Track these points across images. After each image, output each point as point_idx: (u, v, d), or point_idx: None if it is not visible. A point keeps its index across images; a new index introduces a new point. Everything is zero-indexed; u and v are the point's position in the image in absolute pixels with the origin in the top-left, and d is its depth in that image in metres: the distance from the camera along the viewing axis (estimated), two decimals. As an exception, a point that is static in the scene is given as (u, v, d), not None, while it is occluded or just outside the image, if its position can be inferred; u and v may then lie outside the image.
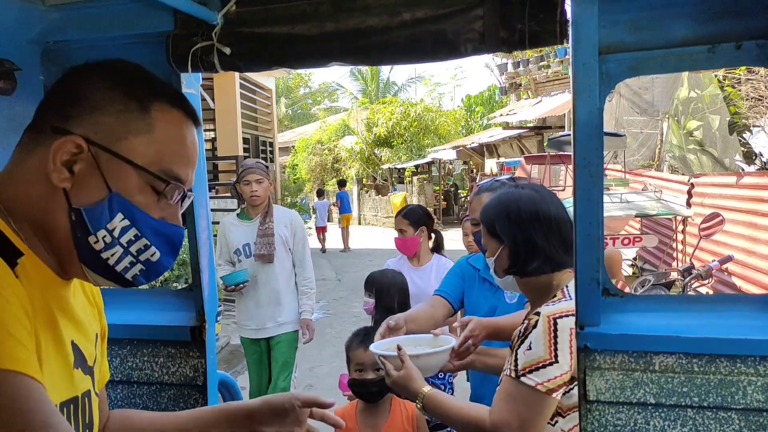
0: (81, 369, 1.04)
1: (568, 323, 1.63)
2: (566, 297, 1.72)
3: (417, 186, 22.02)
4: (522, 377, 1.60)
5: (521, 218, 1.75)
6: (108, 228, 0.96)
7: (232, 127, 11.15)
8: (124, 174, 0.97)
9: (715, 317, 1.54)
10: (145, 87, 1.02)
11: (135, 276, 1.02)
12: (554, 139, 9.68)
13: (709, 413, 1.47)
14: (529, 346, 1.62)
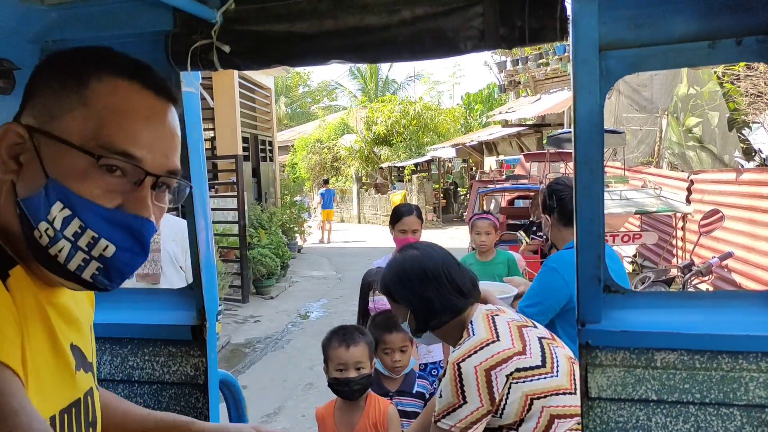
0: (83, 369, 1.03)
1: (472, 363, 1.73)
2: (470, 335, 1.82)
3: (416, 184, 22.02)
4: (438, 422, 1.73)
5: (411, 280, 1.90)
6: (48, 219, 0.87)
7: (231, 126, 11.14)
8: (61, 156, 0.88)
9: (717, 314, 1.53)
10: (89, 63, 0.92)
11: (94, 275, 0.91)
12: (553, 137, 9.67)
13: (711, 410, 1.47)
14: (440, 394, 1.75)
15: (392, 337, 2.83)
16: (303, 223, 14.24)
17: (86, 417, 1.02)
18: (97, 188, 0.89)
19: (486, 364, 1.73)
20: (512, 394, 1.72)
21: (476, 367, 1.72)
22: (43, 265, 0.91)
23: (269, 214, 11.98)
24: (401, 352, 2.85)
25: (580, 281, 1.54)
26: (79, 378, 1.01)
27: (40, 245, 0.88)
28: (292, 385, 6.12)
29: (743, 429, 1.46)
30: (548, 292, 2.80)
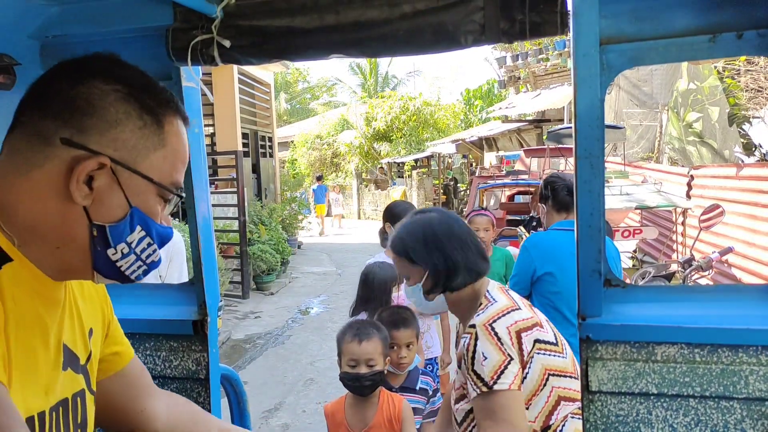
0: (71, 369, 1.03)
1: (503, 323, 1.71)
2: (491, 302, 1.80)
3: (416, 180, 22.01)
4: (494, 386, 1.64)
5: (438, 239, 1.85)
6: (128, 241, 1.00)
7: (230, 122, 11.13)
8: (144, 189, 1.00)
9: (717, 307, 1.54)
10: (153, 97, 1.02)
11: (138, 275, 1.05)
12: (553, 132, 9.67)
13: (711, 403, 1.48)
14: (483, 356, 1.67)
15: (399, 333, 2.83)
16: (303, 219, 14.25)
17: (75, 418, 1.03)
18: (159, 211, 1.04)
19: (516, 326, 1.71)
20: (534, 363, 1.71)
21: (508, 327, 1.70)
22: (101, 272, 1.01)
23: (269, 210, 11.98)
24: (407, 349, 2.85)
25: (580, 275, 1.54)
26: (66, 377, 1.01)
27: (110, 260, 1.00)
28: (292, 380, 6.13)
29: (743, 422, 1.46)
30: (521, 269, 3.27)
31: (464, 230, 1.89)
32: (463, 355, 1.73)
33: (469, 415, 1.77)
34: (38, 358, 0.94)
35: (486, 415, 1.65)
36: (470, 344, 1.71)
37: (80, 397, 1.05)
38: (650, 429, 1.52)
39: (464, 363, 1.72)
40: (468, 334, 1.74)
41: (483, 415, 1.66)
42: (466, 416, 1.78)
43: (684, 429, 1.50)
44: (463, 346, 1.73)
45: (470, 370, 1.69)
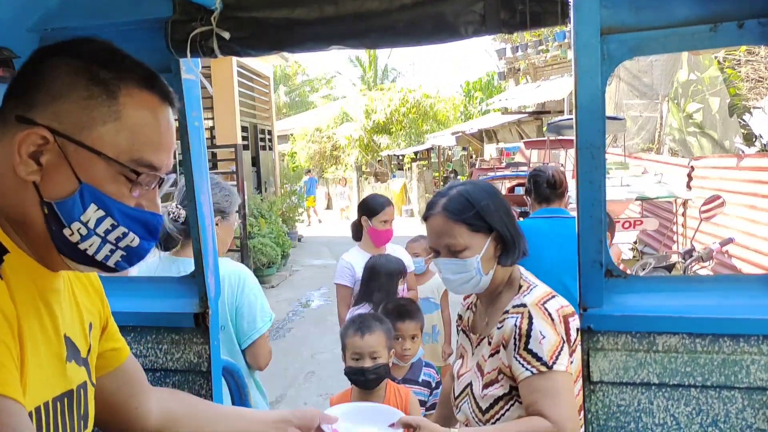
0: (75, 361, 1.03)
1: (552, 306, 1.68)
2: (532, 285, 1.76)
3: (416, 173, 21.99)
4: (554, 366, 1.59)
5: (505, 205, 1.79)
6: (82, 220, 0.94)
7: (230, 115, 11.11)
8: (94, 164, 0.94)
9: (718, 297, 1.54)
10: (112, 69, 0.96)
11: (117, 262, 1.01)
12: (553, 124, 9.65)
13: (713, 392, 1.48)
14: (541, 335, 1.61)
15: (404, 325, 2.84)
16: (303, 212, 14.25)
17: (78, 410, 1.03)
18: (124, 191, 0.97)
19: (563, 311, 1.67)
20: (577, 352, 1.66)
21: (557, 311, 1.66)
22: (68, 256, 0.97)
23: (269, 203, 11.97)
24: (411, 341, 2.86)
25: (581, 266, 1.54)
26: (70, 369, 1.01)
27: (69, 242, 0.95)
28: (293, 373, 6.14)
29: (744, 411, 1.47)
30: None
31: (506, 208, 1.80)
32: (512, 335, 1.65)
33: (498, 402, 1.69)
34: (41, 350, 0.94)
35: (546, 394, 1.57)
36: (523, 323, 1.63)
37: (83, 389, 1.05)
38: (651, 418, 1.52)
39: (513, 343, 1.64)
40: (517, 313, 1.66)
41: (543, 395, 1.57)
42: (495, 402, 1.70)
43: (685, 418, 1.50)
44: (512, 326, 1.65)
45: (523, 349, 1.61)
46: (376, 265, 3.46)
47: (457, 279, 1.75)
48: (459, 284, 1.77)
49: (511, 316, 1.68)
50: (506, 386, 1.69)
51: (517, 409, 1.68)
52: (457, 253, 1.72)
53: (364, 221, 3.77)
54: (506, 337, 1.67)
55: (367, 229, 3.75)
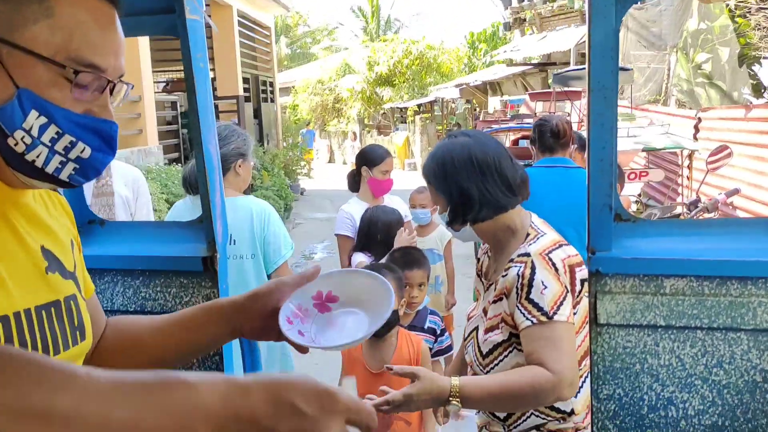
0: (59, 274, 1.02)
1: (558, 255, 1.67)
2: (540, 233, 1.74)
3: (419, 126, 21.83)
4: (554, 316, 1.60)
5: (456, 169, 1.74)
6: (24, 128, 0.90)
7: (231, 66, 10.96)
8: (30, 67, 0.89)
9: (727, 241, 1.54)
10: None
11: (70, 176, 0.97)
12: (560, 75, 9.50)
13: (719, 334, 1.49)
14: (543, 285, 1.62)
15: (412, 273, 2.87)
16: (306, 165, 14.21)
17: (70, 320, 1.01)
18: (67, 96, 0.92)
19: (569, 260, 1.67)
20: (580, 307, 1.67)
21: (563, 260, 1.66)
22: (18, 170, 0.94)
23: (271, 155, 11.93)
24: (419, 288, 2.89)
25: (591, 209, 1.53)
26: (53, 280, 1.00)
27: (15, 152, 0.92)
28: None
29: (749, 352, 1.48)
30: None
31: (488, 160, 1.74)
32: (514, 284, 1.66)
33: (497, 348, 1.72)
34: (17, 259, 0.93)
35: (546, 344, 1.59)
36: (525, 273, 1.64)
37: (73, 301, 1.04)
38: (657, 360, 1.54)
39: (516, 292, 1.65)
40: (521, 263, 1.67)
41: (543, 344, 1.59)
42: (494, 348, 1.73)
43: (690, 359, 1.52)
44: (515, 275, 1.66)
45: (524, 299, 1.62)
46: (374, 216, 3.48)
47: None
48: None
49: (514, 265, 1.69)
50: (506, 333, 1.71)
51: (515, 356, 1.71)
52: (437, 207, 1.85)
53: (364, 171, 3.77)
54: (509, 286, 1.68)
55: (367, 180, 3.76)
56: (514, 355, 1.71)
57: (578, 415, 1.73)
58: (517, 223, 1.78)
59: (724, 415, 1.52)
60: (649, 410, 1.56)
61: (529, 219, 1.81)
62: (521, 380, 1.58)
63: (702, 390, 1.53)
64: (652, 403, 1.56)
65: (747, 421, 1.50)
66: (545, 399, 1.58)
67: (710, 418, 1.53)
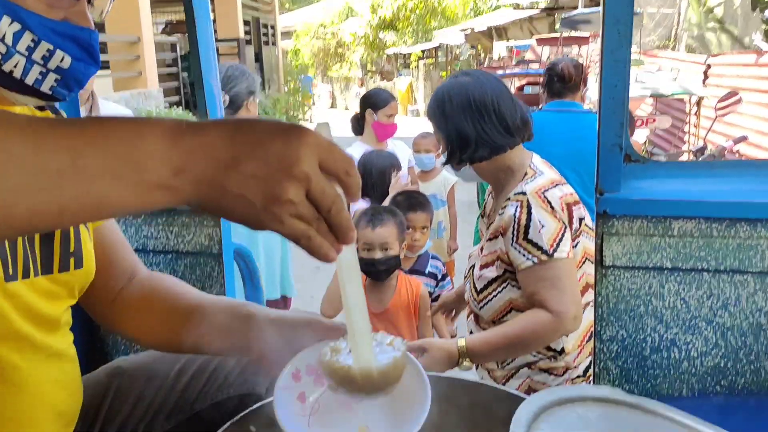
0: None
1: (554, 194, 1.66)
2: (537, 173, 1.73)
3: (423, 71, 21.50)
4: (555, 254, 1.60)
5: (453, 108, 1.74)
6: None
7: (231, 7, 10.71)
8: None
9: (737, 182, 1.52)
10: None
11: (52, 87, 0.94)
12: (568, 18, 9.29)
13: (725, 276, 1.48)
14: (540, 224, 1.62)
15: (415, 216, 2.86)
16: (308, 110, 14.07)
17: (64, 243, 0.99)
18: (41, 3, 0.89)
19: (566, 198, 1.67)
20: (579, 244, 1.68)
21: (560, 198, 1.66)
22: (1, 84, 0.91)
23: (273, 100, 11.79)
24: (421, 232, 2.88)
25: (600, 149, 1.50)
26: None
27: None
28: (299, 267, 6.24)
29: (755, 295, 1.47)
30: None
31: (486, 100, 1.73)
32: (510, 224, 1.66)
33: (492, 284, 1.75)
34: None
35: (549, 284, 1.60)
36: (522, 212, 1.64)
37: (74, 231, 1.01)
38: (662, 302, 1.54)
39: (512, 232, 1.65)
40: (517, 201, 1.67)
41: (545, 285, 1.61)
42: (488, 284, 1.76)
43: (695, 302, 1.51)
44: (511, 215, 1.66)
45: (522, 239, 1.63)
46: (368, 161, 3.48)
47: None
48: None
49: (511, 204, 1.69)
50: (500, 270, 1.73)
51: (508, 292, 1.73)
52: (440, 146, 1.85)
53: (368, 114, 3.75)
54: (504, 225, 1.68)
55: (371, 123, 3.74)
56: (507, 291, 1.73)
57: (569, 354, 1.74)
58: (516, 163, 1.77)
59: (727, 357, 1.52)
60: (652, 352, 1.57)
61: (530, 159, 1.79)
62: (523, 328, 1.61)
63: (706, 332, 1.53)
64: (655, 344, 1.56)
65: (749, 363, 1.51)
66: (550, 339, 1.61)
67: (713, 359, 1.54)
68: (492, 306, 1.76)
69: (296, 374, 0.89)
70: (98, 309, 1.15)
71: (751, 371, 1.51)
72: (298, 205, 0.62)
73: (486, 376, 1.87)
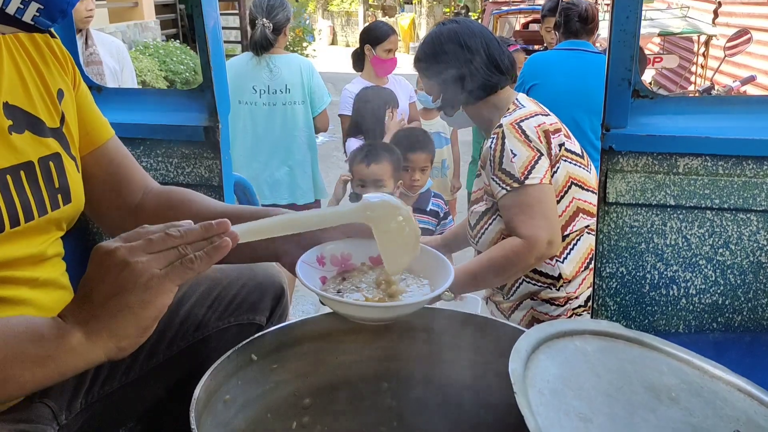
0: (32, 132, 0.95)
1: (531, 123, 1.70)
2: (519, 107, 1.79)
3: (426, 7, 20.97)
4: (526, 181, 1.64)
5: (446, 53, 1.79)
6: None
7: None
8: None
9: (747, 119, 1.50)
10: None
11: (35, 17, 0.93)
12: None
13: (728, 215, 1.48)
14: (512, 153, 1.66)
15: (415, 156, 2.83)
16: (308, 46, 13.76)
17: (48, 183, 0.96)
18: None
19: (543, 127, 1.71)
20: (560, 169, 1.72)
21: (536, 127, 1.70)
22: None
23: (273, 35, 11.51)
24: (421, 172, 2.86)
25: (609, 83, 1.47)
26: (21, 140, 0.93)
27: None
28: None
29: (757, 233, 1.47)
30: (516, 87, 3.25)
31: (477, 42, 1.80)
32: (488, 156, 1.72)
33: (483, 218, 1.81)
34: None
35: (519, 210, 1.65)
36: (497, 144, 1.69)
37: (53, 161, 0.98)
38: (663, 239, 1.54)
39: (489, 164, 1.71)
40: (495, 134, 1.72)
41: (515, 211, 1.65)
42: (479, 219, 1.82)
43: (697, 240, 1.51)
44: (488, 147, 1.72)
45: (497, 170, 1.68)
46: (362, 98, 3.43)
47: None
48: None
49: (490, 137, 1.74)
50: (489, 203, 1.79)
51: (498, 224, 1.79)
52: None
53: (367, 50, 3.69)
54: (484, 159, 1.76)
55: (370, 59, 3.67)
56: (497, 223, 1.79)
57: (569, 282, 1.77)
58: (503, 102, 1.82)
59: (725, 295, 1.53)
60: (651, 288, 1.58)
61: (515, 96, 1.84)
62: (496, 254, 1.66)
63: (705, 270, 1.53)
64: (654, 281, 1.57)
65: (747, 301, 1.52)
66: (525, 263, 1.64)
67: (711, 297, 1.55)
68: (485, 239, 1.81)
69: (321, 259, 1.00)
70: (117, 225, 1.13)
71: (749, 309, 1.53)
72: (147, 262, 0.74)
73: (494, 309, 1.93)
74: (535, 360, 0.90)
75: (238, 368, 0.94)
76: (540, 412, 0.76)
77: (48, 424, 0.94)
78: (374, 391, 1.10)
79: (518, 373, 0.81)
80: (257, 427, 0.98)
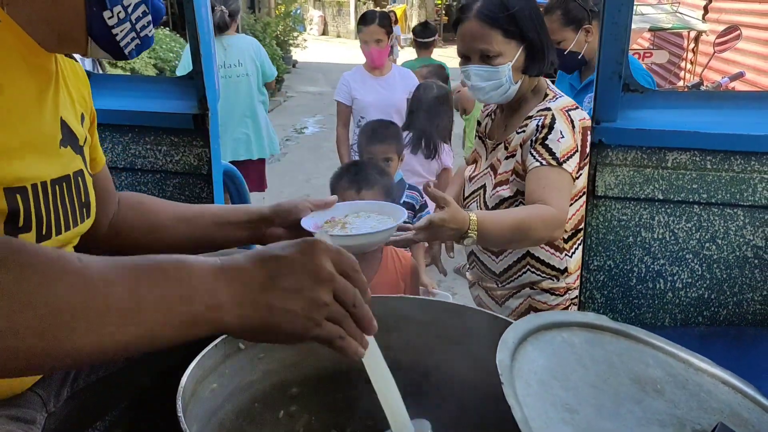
0: (71, 148, 1.00)
1: (576, 116, 1.66)
2: (558, 95, 1.75)
3: (418, -3, 20.88)
4: (564, 164, 1.59)
5: (539, 14, 1.73)
6: (124, 4, 0.95)
7: None
8: None
9: (735, 114, 1.51)
10: None
11: (131, 51, 1.01)
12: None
13: (716, 209, 1.49)
14: (561, 134, 1.61)
15: (377, 147, 2.78)
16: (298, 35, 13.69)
17: (78, 195, 1.00)
18: None
19: (584, 122, 1.66)
20: (582, 175, 1.68)
21: (580, 120, 1.66)
22: (95, 39, 0.96)
23: (263, 24, 11.44)
24: (385, 163, 2.81)
25: (599, 77, 1.48)
26: (66, 155, 0.98)
27: (105, 24, 0.94)
28: (288, 195, 6.24)
29: (744, 228, 1.48)
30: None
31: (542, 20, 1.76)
32: (531, 134, 1.65)
33: (503, 203, 1.73)
34: (39, 129, 0.91)
35: (551, 185, 1.58)
36: (545, 122, 1.63)
37: (80, 177, 1.02)
38: (651, 233, 1.55)
39: (532, 139, 1.65)
40: (541, 116, 1.66)
41: (547, 184, 1.58)
42: (500, 203, 1.74)
43: (684, 234, 1.53)
44: (533, 126, 1.65)
45: (539, 144, 1.62)
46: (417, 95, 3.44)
47: (487, 86, 1.71)
48: (488, 91, 1.73)
49: (535, 118, 1.68)
50: (513, 189, 1.72)
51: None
52: (489, 59, 1.68)
53: (360, 41, 3.72)
54: (526, 138, 1.68)
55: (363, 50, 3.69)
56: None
57: (571, 275, 1.76)
58: (541, 85, 1.78)
59: (711, 289, 1.55)
60: (638, 282, 1.59)
61: (546, 82, 1.81)
62: (531, 214, 1.57)
63: (692, 264, 1.55)
64: (641, 275, 1.58)
65: (733, 295, 1.53)
66: (551, 232, 1.55)
67: (697, 291, 1.56)
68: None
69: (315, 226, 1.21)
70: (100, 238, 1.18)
71: (734, 303, 1.54)
72: (330, 306, 0.70)
73: (483, 295, 1.90)
74: (523, 351, 0.91)
75: (226, 357, 0.94)
76: (527, 402, 0.76)
77: (38, 411, 0.94)
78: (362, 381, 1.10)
79: (505, 364, 0.81)
80: (245, 416, 0.98)
